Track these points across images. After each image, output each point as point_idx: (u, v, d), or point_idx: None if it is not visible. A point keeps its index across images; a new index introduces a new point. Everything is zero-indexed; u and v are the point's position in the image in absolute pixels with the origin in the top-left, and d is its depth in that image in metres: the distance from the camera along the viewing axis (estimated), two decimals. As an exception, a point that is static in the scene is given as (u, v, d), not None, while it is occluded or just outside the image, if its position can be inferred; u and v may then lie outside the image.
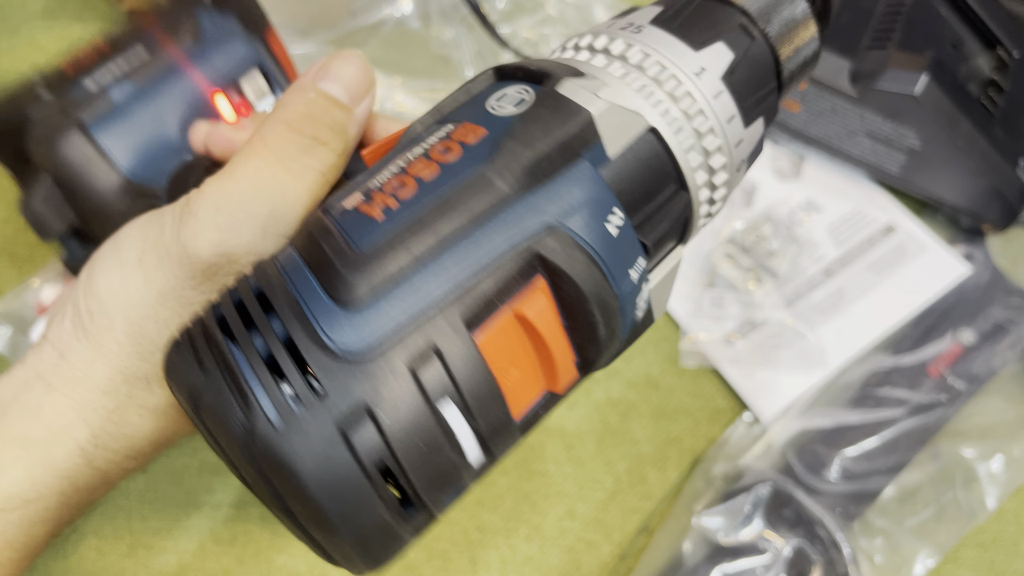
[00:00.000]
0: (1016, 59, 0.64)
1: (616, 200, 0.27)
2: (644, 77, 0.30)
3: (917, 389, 0.58)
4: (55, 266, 0.55)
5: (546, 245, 0.26)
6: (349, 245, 0.26)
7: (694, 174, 0.30)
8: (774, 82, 0.32)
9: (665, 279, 0.30)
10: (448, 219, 0.26)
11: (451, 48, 0.65)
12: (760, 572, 0.52)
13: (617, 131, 0.28)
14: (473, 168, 0.26)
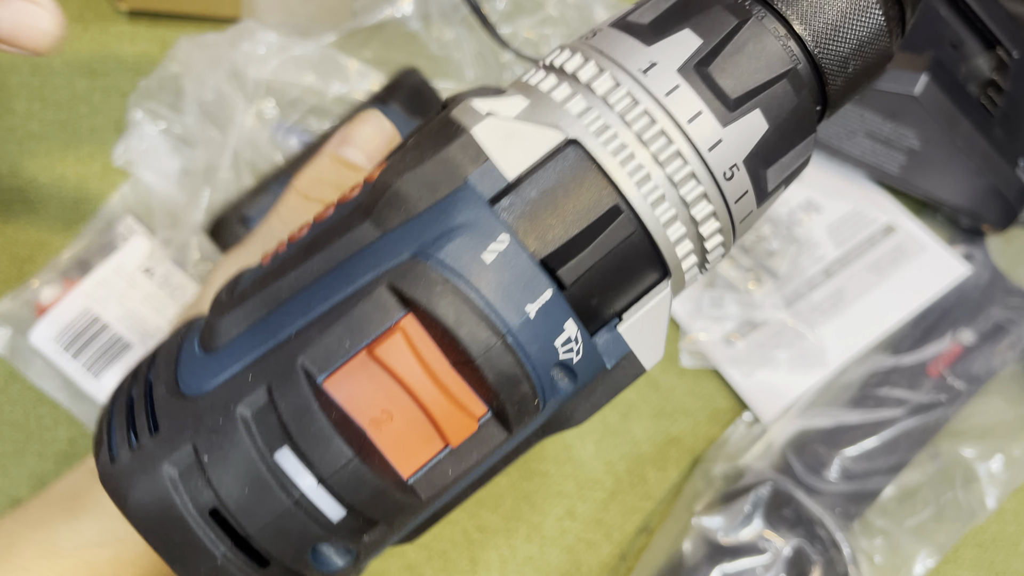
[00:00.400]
0: (1016, 59, 0.64)
1: (504, 226, 0.23)
2: (577, 85, 0.25)
3: (917, 389, 0.58)
4: (55, 267, 0.55)
5: (403, 278, 0.23)
6: (231, 291, 0.26)
7: (642, 188, 0.25)
8: (787, 66, 0.26)
9: (646, 320, 0.26)
10: (309, 261, 0.24)
11: (452, 49, 0.65)
12: (760, 572, 0.52)
13: (515, 148, 0.24)
14: (350, 207, 0.25)
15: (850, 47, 0.26)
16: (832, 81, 0.26)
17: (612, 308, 0.26)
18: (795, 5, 0.26)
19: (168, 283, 0.55)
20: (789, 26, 0.26)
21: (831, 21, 0.26)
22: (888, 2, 0.26)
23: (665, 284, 0.26)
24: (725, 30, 0.25)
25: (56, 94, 0.60)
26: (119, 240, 0.56)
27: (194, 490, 0.23)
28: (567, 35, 0.68)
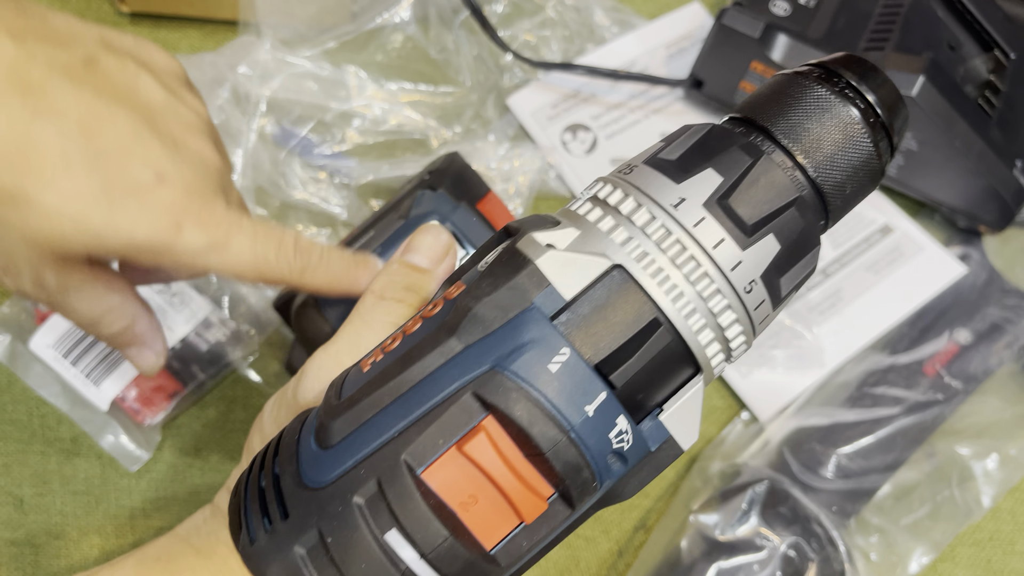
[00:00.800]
0: (1013, 61, 0.64)
1: (565, 341, 0.28)
2: (619, 217, 0.30)
3: (913, 388, 0.59)
4: None
5: (485, 387, 0.28)
6: (339, 395, 0.31)
7: (676, 303, 0.29)
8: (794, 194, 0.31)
9: (685, 407, 0.31)
10: (406, 370, 0.29)
11: (450, 53, 0.65)
12: (757, 569, 0.52)
13: (571, 274, 0.29)
14: (436, 323, 0.30)
15: (846, 173, 0.31)
16: (832, 201, 0.31)
17: (654, 400, 0.30)
18: (799, 141, 0.31)
19: (167, 291, 0.55)
20: (794, 159, 0.31)
21: (828, 153, 0.31)
22: (876, 130, 0.31)
23: (698, 379, 0.31)
24: (741, 168, 0.30)
25: (59, 95, 0.61)
26: None
27: (321, 566, 0.29)
28: (566, 36, 0.68)
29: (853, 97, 0.31)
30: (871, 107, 0.31)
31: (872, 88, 0.31)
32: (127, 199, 0.34)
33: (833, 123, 0.31)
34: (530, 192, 0.62)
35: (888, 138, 0.32)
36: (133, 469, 0.53)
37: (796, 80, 0.32)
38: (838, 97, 0.31)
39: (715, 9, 0.72)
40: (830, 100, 0.31)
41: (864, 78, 0.32)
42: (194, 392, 0.55)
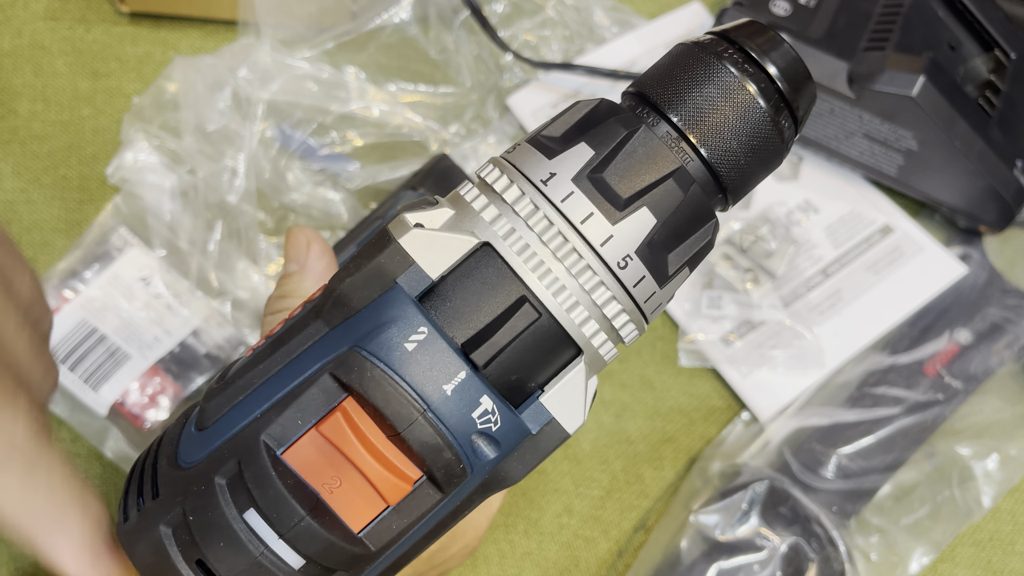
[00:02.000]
0: (1013, 61, 0.64)
1: (427, 320, 0.28)
2: (492, 195, 0.30)
3: (914, 388, 0.59)
4: (49, 278, 0.55)
5: (341, 367, 0.28)
6: (221, 378, 0.31)
7: (544, 280, 0.29)
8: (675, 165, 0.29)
9: (566, 388, 0.30)
10: (274, 354, 0.30)
11: (450, 53, 0.65)
12: (757, 569, 0.52)
13: (437, 253, 0.29)
14: (308, 306, 0.30)
15: (741, 147, 0.30)
16: (727, 175, 0.30)
17: (534, 382, 0.30)
18: (685, 113, 0.30)
19: (166, 293, 0.55)
20: (680, 131, 0.30)
21: (716, 125, 0.30)
22: (774, 102, 0.30)
23: (579, 360, 0.30)
24: (615, 140, 0.29)
25: (59, 95, 0.61)
26: (114, 252, 0.56)
27: (184, 544, 0.29)
28: (566, 36, 0.68)
29: (751, 69, 0.30)
30: (770, 79, 0.30)
31: (773, 59, 0.30)
32: None
33: (723, 94, 0.30)
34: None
35: (791, 113, 0.30)
36: (133, 472, 0.53)
37: (691, 51, 0.31)
38: (732, 67, 0.30)
39: (715, 9, 0.72)
40: (721, 70, 0.30)
41: (764, 48, 0.30)
42: (194, 395, 0.55)
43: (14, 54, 0.62)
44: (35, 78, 0.61)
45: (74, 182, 0.59)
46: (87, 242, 0.56)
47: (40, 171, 0.59)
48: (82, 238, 0.56)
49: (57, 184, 0.59)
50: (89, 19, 0.63)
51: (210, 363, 0.55)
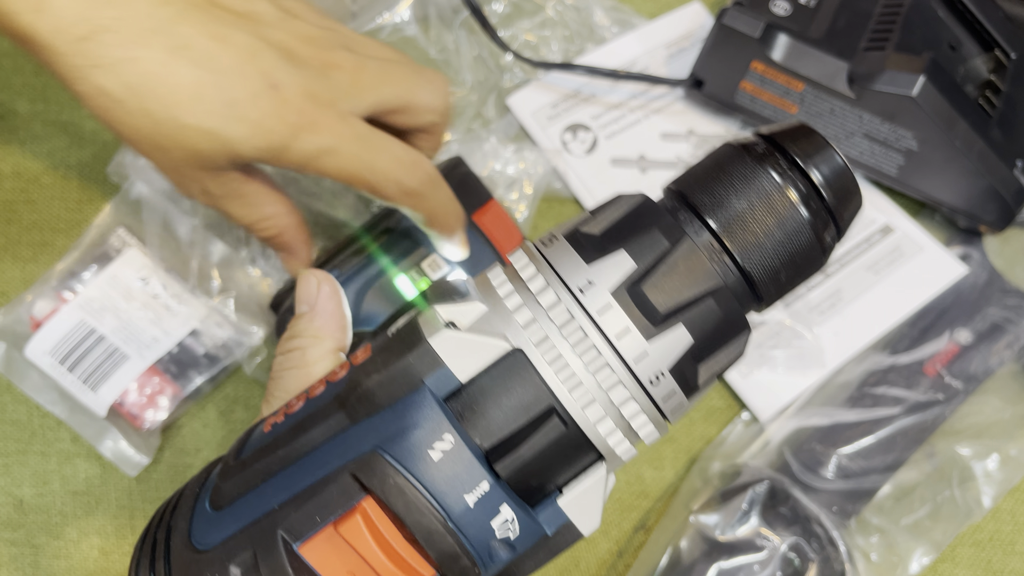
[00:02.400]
0: (1014, 61, 0.64)
1: (453, 427, 0.28)
2: (527, 296, 0.29)
3: (914, 388, 0.59)
4: (48, 279, 0.55)
5: (363, 469, 0.28)
6: (237, 454, 0.31)
7: (574, 392, 0.28)
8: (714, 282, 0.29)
9: (585, 493, 0.30)
10: (294, 442, 0.29)
11: (450, 53, 0.65)
12: (757, 569, 0.52)
13: (467, 356, 0.28)
14: (333, 392, 0.30)
15: (780, 260, 0.29)
16: (764, 288, 0.30)
17: (552, 483, 0.30)
18: (727, 224, 0.29)
19: (164, 293, 0.55)
20: (722, 243, 0.29)
21: (758, 238, 0.29)
22: (817, 215, 0.29)
23: (600, 465, 0.30)
24: (658, 252, 0.28)
25: (59, 95, 0.61)
26: (112, 252, 0.56)
27: None
28: (566, 36, 0.68)
29: (798, 181, 0.29)
30: (816, 190, 0.29)
31: (818, 166, 0.29)
32: (246, 110, 0.39)
33: (769, 208, 0.29)
34: (535, 195, 0.62)
35: (835, 224, 0.30)
36: (133, 474, 0.53)
37: (738, 155, 0.30)
38: (779, 179, 0.29)
39: (715, 9, 0.72)
40: (769, 182, 0.29)
41: (812, 157, 0.29)
42: (193, 395, 0.55)
43: (14, 54, 0.62)
44: (35, 78, 0.61)
45: (74, 182, 0.59)
46: (85, 243, 0.56)
47: (40, 171, 0.59)
48: (80, 239, 0.56)
49: (57, 184, 0.59)
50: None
51: (208, 363, 0.55)
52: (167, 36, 0.38)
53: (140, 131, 0.40)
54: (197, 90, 0.39)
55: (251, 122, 0.40)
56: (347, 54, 0.43)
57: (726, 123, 0.67)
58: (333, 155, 0.41)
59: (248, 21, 0.41)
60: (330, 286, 0.38)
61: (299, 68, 0.41)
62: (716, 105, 0.66)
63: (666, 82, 0.66)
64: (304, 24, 0.43)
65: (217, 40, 0.39)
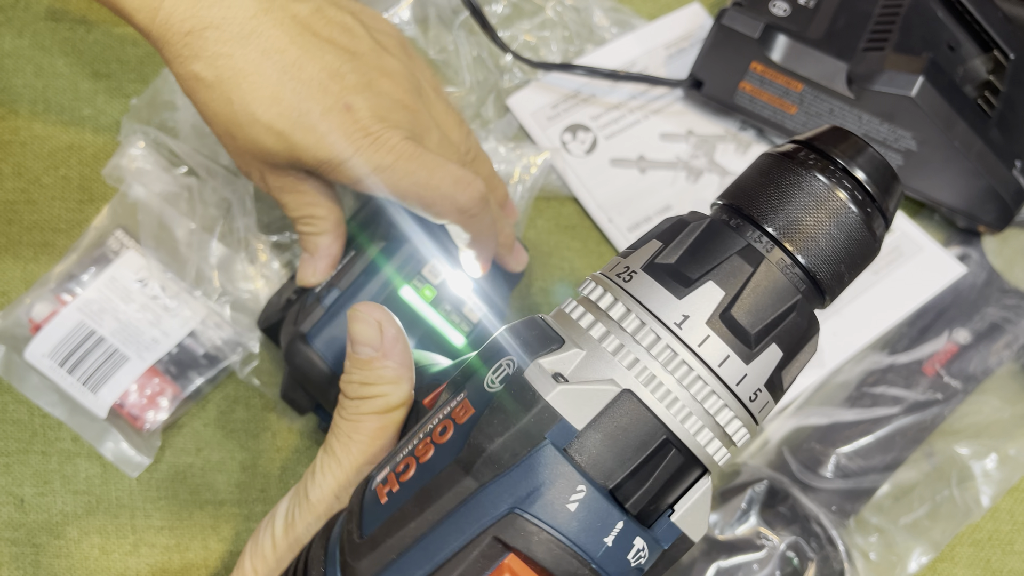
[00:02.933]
0: (1012, 61, 0.64)
1: (582, 475, 0.29)
2: (624, 336, 0.30)
3: (913, 388, 0.59)
4: (46, 281, 0.55)
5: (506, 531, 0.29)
6: (360, 530, 0.32)
7: (685, 423, 0.30)
8: (795, 296, 0.31)
9: (695, 506, 0.31)
10: (424, 512, 0.30)
11: (449, 54, 0.65)
12: (756, 568, 0.52)
13: (581, 405, 0.29)
14: (449, 459, 0.30)
15: (842, 260, 0.31)
16: (830, 287, 0.31)
17: (665, 504, 0.31)
18: (795, 238, 0.31)
19: (163, 294, 0.55)
20: (793, 257, 0.31)
21: (824, 245, 0.31)
22: (869, 211, 0.31)
23: (707, 479, 0.32)
24: (743, 279, 0.30)
25: (60, 96, 0.61)
26: (110, 254, 0.56)
27: None
28: (565, 37, 0.68)
29: (842, 179, 0.31)
30: (861, 186, 0.31)
31: (861, 165, 0.31)
32: (316, 121, 0.43)
33: (824, 211, 0.31)
34: (531, 194, 0.62)
35: (882, 215, 0.32)
36: (134, 475, 0.53)
37: (784, 164, 0.31)
38: (827, 181, 0.31)
39: (715, 9, 0.72)
40: (819, 186, 0.31)
41: (852, 157, 0.31)
42: (193, 396, 0.55)
43: (15, 54, 0.62)
44: (36, 78, 0.61)
45: (75, 182, 0.59)
46: (84, 245, 0.56)
47: (41, 171, 0.59)
48: (79, 241, 0.56)
49: (58, 184, 0.59)
50: (90, 20, 0.63)
51: (208, 363, 0.55)
52: (263, 39, 0.42)
53: (219, 115, 0.44)
54: (277, 92, 0.42)
55: (318, 134, 0.43)
56: (418, 102, 0.47)
57: (725, 123, 0.67)
58: (389, 172, 0.44)
59: (342, 43, 0.45)
60: (394, 328, 0.38)
61: (376, 96, 0.44)
62: (715, 105, 0.66)
63: (665, 83, 0.66)
64: (392, 59, 0.47)
65: (308, 53, 0.43)
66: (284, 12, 0.43)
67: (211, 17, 0.42)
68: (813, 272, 0.31)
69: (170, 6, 0.42)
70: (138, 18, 0.42)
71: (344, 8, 0.46)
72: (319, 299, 0.50)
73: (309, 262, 0.51)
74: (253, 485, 0.54)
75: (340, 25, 0.45)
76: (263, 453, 0.55)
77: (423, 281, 0.50)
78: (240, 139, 0.44)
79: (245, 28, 0.42)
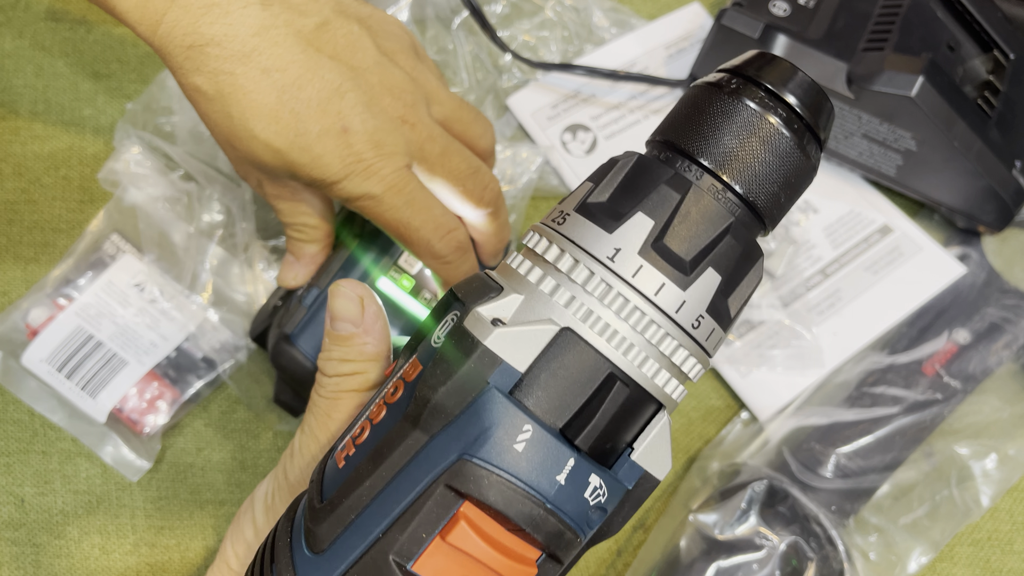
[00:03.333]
0: (1012, 61, 0.64)
1: (527, 415, 0.29)
2: (559, 276, 0.30)
3: (913, 387, 0.59)
4: (43, 287, 0.55)
5: (456, 478, 0.29)
6: (320, 496, 0.32)
7: (627, 354, 0.30)
8: (728, 219, 0.30)
9: (654, 442, 0.31)
10: (378, 469, 0.30)
11: (448, 54, 0.65)
12: (756, 568, 0.52)
13: (521, 347, 0.29)
14: (398, 415, 0.31)
15: (777, 184, 0.31)
16: (768, 212, 0.31)
17: (623, 443, 0.31)
18: (724, 163, 0.30)
19: (161, 298, 0.55)
20: (723, 181, 0.30)
21: (756, 169, 0.30)
22: (801, 134, 0.31)
23: (663, 414, 0.31)
24: (672, 206, 0.30)
25: (60, 96, 0.61)
26: (107, 259, 0.56)
27: None
28: (565, 37, 0.68)
29: (773, 105, 0.31)
30: (792, 110, 0.31)
31: (791, 90, 0.31)
32: (311, 143, 0.43)
33: (756, 137, 0.30)
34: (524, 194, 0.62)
35: (815, 137, 0.31)
36: (134, 479, 0.53)
37: (713, 94, 0.31)
38: (758, 108, 0.30)
39: (715, 10, 0.72)
40: (750, 113, 0.31)
41: (782, 81, 0.31)
42: (192, 399, 0.55)
43: (15, 55, 0.62)
44: (36, 79, 0.61)
45: (75, 182, 0.59)
46: (80, 249, 0.56)
47: (41, 171, 0.59)
48: (74, 245, 0.56)
49: (58, 184, 0.59)
50: (90, 20, 0.64)
51: (207, 367, 0.55)
52: (264, 57, 0.42)
53: (218, 127, 0.44)
54: (275, 112, 0.43)
55: (312, 155, 0.44)
56: (421, 114, 0.47)
57: (725, 123, 0.67)
58: (375, 201, 0.45)
59: (346, 58, 0.45)
60: (375, 305, 0.38)
61: (375, 117, 0.44)
62: (715, 105, 0.66)
63: (665, 83, 0.66)
64: (396, 71, 0.46)
65: (309, 72, 0.43)
66: (288, 28, 0.43)
67: (212, 34, 0.42)
68: (746, 195, 0.31)
69: (171, 21, 0.42)
70: (140, 30, 0.43)
71: (352, 16, 0.46)
72: (300, 300, 0.50)
73: (292, 265, 0.52)
74: (253, 485, 0.54)
75: (345, 38, 0.45)
76: (264, 453, 0.55)
77: (400, 271, 0.51)
78: (240, 150, 0.45)
79: (247, 46, 0.42)
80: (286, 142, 0.43)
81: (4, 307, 0.56)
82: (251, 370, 0.56)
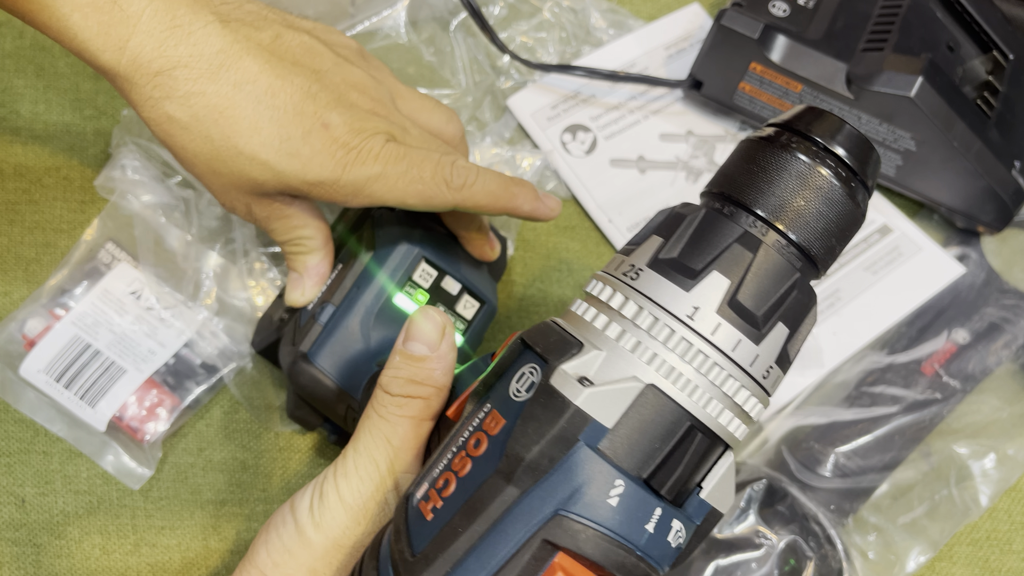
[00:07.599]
0: (1011, 62, 0.65)
1: (617, 471, 0.31)
2: (639, 333, 0.32)
3: (912, 387, 0.59)
4: (38, 296, 0.55)
5: (553, 532, 0.30)
6: (411, 548, 0.33)
7: (707, 407, 0.32)
8: (794, 275, 0.32)
9: (721, 481, 0.33)
10: (473, 523, 0.31)
11: (446, 55, 0.65)
12: (754, 567, 0.52)
13: (609, 405, 0.31)
14: (489, 471, 0.32)
15: (832, 234, 0.33)
16: (823, 260, 0.33)
17: (694, 483, 0.33)
18: (788, 219, 0.32)
19: (158, 306, 0.55)
20: (787, 238, 0.32)
21: (815, 223, 0.33)
22: (852, 184, 0.33)
23: (729, 454, 0.34)
24: (745, 265, 0.32)
25: (61, 97, 0.61)
26: (102, 267, 0.56)
27: None
28: (563, 39, 0.68)
29: (825, 157, 0.33)
30: (842, 162, 0.33)
31: (840, 142, 0.33)
32: (299, 146, 0.43)
33: (813, 191, 0.32)
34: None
35: (864, 185, 0.33)
36: (136, 487, 0.53)
37: (768, 149, 0.33)
38: (813, 162, 0.32)
39: (714, 10, 0.72)
40: (806, 168, 0.32)
41: (832, 135, 0.33)
42: (192, 406, 0.55)
43: (16, 55, 0.62)
44: (37, 79, 0.61)
45: (76, 183, 0.59)
46: (75, 259, 0.56)
47: (42, 172, 0.59)
48: (69, 255, 0.56)
49: (59, 185, 0.59)
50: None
51: (206, 373, 0.55)
52: (233, 72, 0.42)
53: (199, 155, 0.43)
54: (255, 122, 0.43)
55: (303, 158, 0.43)
56: (389, 106, 0.48)
57: (725, 124, 0.67)
58: (382, 181, 0.44)
59: (308, 68, 0.45)
60: (452, 339, 0.39)
61: (348, 109, 0.45)
62: (715, 106, 0.67)
63: (665, 83, 0.66)
64: (356, 70, 0.47)
65: (279, 79, 0.43)
66: (249, 41, 0.43)
67: (179, 56, 0.41)
68: (807, 248, 0.33)
69: (136, 47, 0.41)
70: (103, 58, 0.41)
71: (300, 29, 0.47)
72: (314, 317, 0.50)
73: (298, 282, 0.51)
74: (254, 485, 0.54)
75: (301, 46, 0.45)
76: (264, 453, 0.55)
77: (415, 286, 0.50)
78: (225, 174, 0.44)
79: (214, 63, 0.42)
80: (273, 151, 0.43)
81: (6, 307, 0.56)
82: (251, 375, 0.56)
